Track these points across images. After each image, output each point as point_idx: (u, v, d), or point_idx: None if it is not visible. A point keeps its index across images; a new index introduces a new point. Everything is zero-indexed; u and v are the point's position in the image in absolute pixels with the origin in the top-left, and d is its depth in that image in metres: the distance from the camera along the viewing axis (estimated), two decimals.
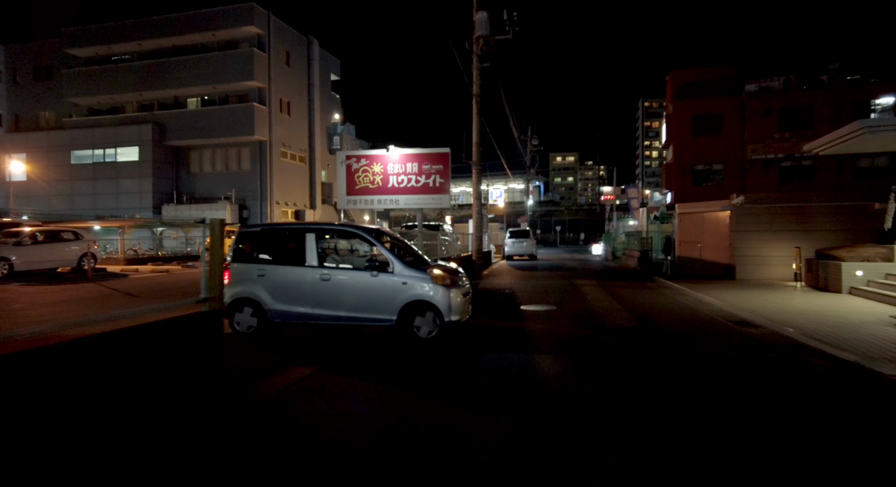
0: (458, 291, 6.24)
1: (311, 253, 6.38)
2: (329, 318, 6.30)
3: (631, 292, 11.99)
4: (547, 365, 5.25)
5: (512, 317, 8.31)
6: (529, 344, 6.23)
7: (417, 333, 6.16)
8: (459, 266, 15.92)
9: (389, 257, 6.24)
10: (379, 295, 6.15)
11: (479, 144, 15.43)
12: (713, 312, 8.76)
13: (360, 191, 14.94)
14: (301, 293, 6.33)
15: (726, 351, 5.93)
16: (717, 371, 5.07)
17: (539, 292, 11.92)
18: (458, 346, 6.05)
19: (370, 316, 6.20)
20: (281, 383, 4.57)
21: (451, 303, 6.09)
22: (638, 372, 5.01)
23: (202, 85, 28.82)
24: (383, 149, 14.99)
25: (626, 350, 6.03)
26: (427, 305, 6.09)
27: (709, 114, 28.83)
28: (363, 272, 6.24)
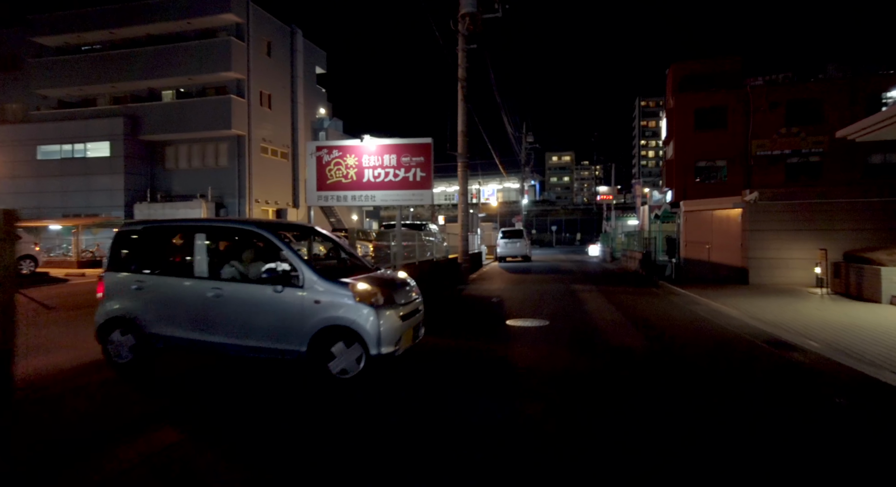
0: (392, 312, 4.61)
1: (201, 259, 4.83)
2: (223, 347, 4.75)
3: (636, 300, 10.51)
4: (531, 428, 3.72)
5: (493, 337, 6.80)
6: (508, 383, 4.67)
7: (333, 371, 4.50)
8: (443, 269, 14.36)
9: (298, 265, 4.60)
10: (282, 318, 4.55)
11: (466, 134, 13.94)
12: (736, 327, 7.28)
13: (332, 187, 13.40)
14: (187, 312, 4.79)
15: (775, 392, 4.44)
16: (779, 434, 3.57)
17: (531, 300, 10.43)
18: (396, 389, 4.41)
19: (272, 345, 4.60)
20: (131, 456, 3.05)
21: (381, 330, 4.44)
22: (667, 437, 3.51)
23: (178, 76, 27.20)
24: (357, 140, 13.48)
25: (641, 390, 4.52)
26: (347, 332, 4.46)
27: (712, 107, 27.43)
28: (265, 286, 4.63)
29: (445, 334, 6.89)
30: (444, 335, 6.82)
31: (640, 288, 12.88)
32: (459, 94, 13.79)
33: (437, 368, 5.12)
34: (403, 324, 4.73)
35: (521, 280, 15.43)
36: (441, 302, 10.37)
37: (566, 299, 10.57)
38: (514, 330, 7.20)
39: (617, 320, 7.92)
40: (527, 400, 4.17)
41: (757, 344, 6.23)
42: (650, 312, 8.79)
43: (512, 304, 9.88)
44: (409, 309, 4.94)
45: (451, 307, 9.93)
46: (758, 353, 5.80)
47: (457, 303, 10.45)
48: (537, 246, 56.38)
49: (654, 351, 5.90)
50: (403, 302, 4.86)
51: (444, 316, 8.70)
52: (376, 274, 5.22)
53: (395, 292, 4.85)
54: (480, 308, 9.80)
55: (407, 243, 14.50)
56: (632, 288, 13.10)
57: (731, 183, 26.41)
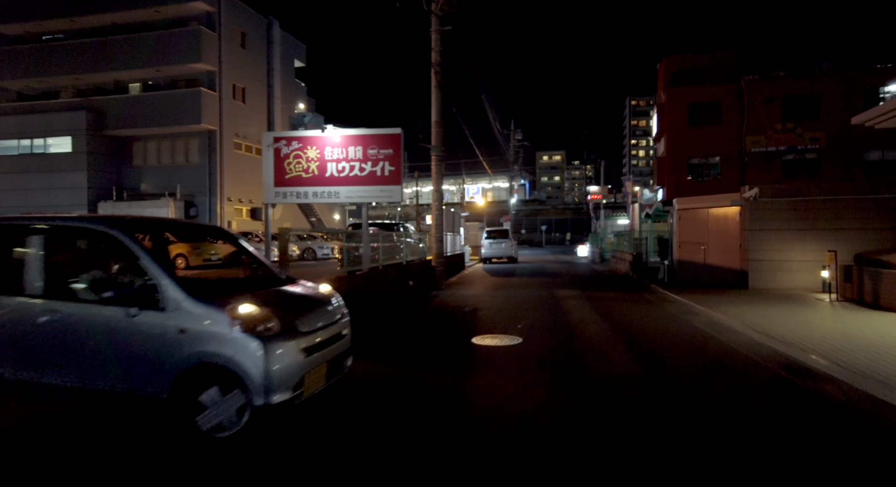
0: (292, 345, 3.33)
1: (33, 270, 3.52)
2: (60, 391, 3.48)
3: (626, 309, 9.34)
4: None
5: (452, 362, 5.57)
6: (456, 441, 3.38)
7: (203, 428, 3.21)
8: (415, 273, 13.02)
9: (158, 278, 3.31)
10: (135, 352, 3.27)
11: (441, 125, 12.69)
12: (743, 345, 6.11)
13: (292, 182, 12.10)
14: (11, 344, 3.50)
15: (812, 452, 3.24)
16: None
17: (508, 310, 9.22)
18: (291, 456, 3.08)
19: (123, 388, 3.33)
20: None
21: (273, 369, 3.16)
22: None
23: (145, 67, 25.70)
24: (318, 130, 12.20)
25: (633, 453, 3.30)
26: (223, 373, 3.18)
27: (706, 102, 26.43)
28: (117, 307, 3.30)
29: (393, 357, 5.66)
30: (391, 359, 5.58)
31: (631, 294, 11.72)
32: (433, 81, 12.55)
33: (361, 417, 3.82)
34: (310, 360, 3.47)
35: (502, 284, 14.23)
36: (404, 314, 9.13)
37: (548, 308, 9.37)
38: (480, 351, 5.97)
39: (604, 336, 6.72)
40: (480, 474, 2.93)
41: (773, 370, 5.05)
42: (642, 325, 7.60)
43: (485, 315, 8.66)
44: (323, 337, 3.68)
45: (413, 319, 8.70)
46: (776, 385, 4.61)
47: (422, 314, 9.22)
48: (526, 247, 55.31)
49: (648, 382, 4.70)
50: (312, 329, 3.59)
51: (400, 331, 7.46)
52: (282, 290, 3.96)
53: (300, 316, 3.59)
54: (448, 320, 8.57)
55: (378, 244, 13.28)
56: (621, 293, 11.94)
57: (725, 181, 25.42)
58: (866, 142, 23.59)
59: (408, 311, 9.38)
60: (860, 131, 23.73)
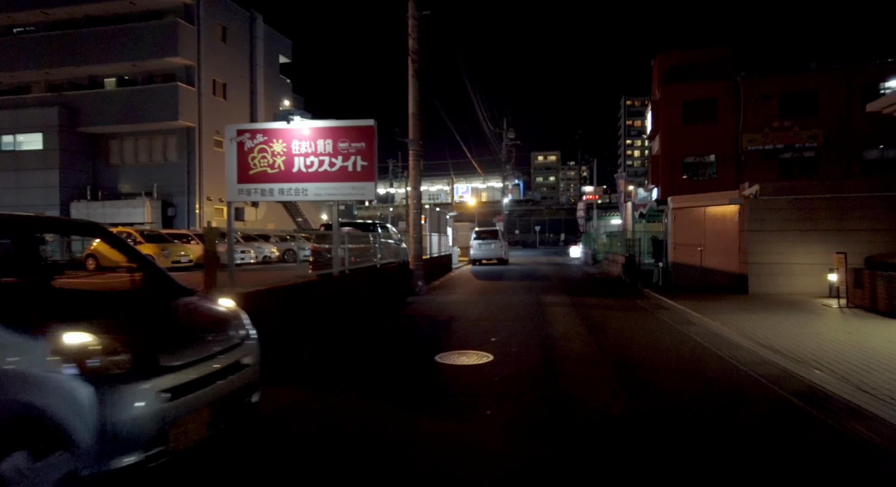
0: (146, 386, 2.42)
1: None
2: None
3: (616, 318, 8.48)
4: None
5: (403, 388, 4.68)
6: None
7: None
8: (391, 277, 12.05)
9: None
10: None
11: (419, 117, 11.81)
12: (749, 364, 5.27)
13: (256, 178, 11.20)
14: None
15: None
16: None
17: (487, 319, 8.34)
18: None
19: None
20: None
21: (109, 422, 2.26)
22: None
23: (120, 61, 24.73)
24: (284, 122, 11.31)
25: None
26: (38, 428, 2.26)
27: (701, 99, 25.69)
28: None
29: (332, 383, 4.77)
30: (329, 385, 4.69)
31: (623, 300, 10.87)
32: (410, 69, 11.66)
33: (249, 482, 2.93)
34: (178, 404, 2.56)
35: (486, 288, 13.36)
36: (369, 323, 8.23)
37: (531, 318, 8.50)
38: (443, 373, 5.08)
39: (588, 354, 5.84)
40: None
41: (786, 399, 4.20)
42: (633, 338, 6.74)
43: (460, 326, 7.78)
44: (204, 371, 2.77)
45: (376, 330, 7.81)
46: (794, 421, 3.76)
47: (389, 324, 8.33)
48: (520, 247, 54.52)
49: (637, 419, 3.82)
50: (186, 362, 2.68)
51: (355, 346, 6.57)
52: (159, 309, 3.07)
53: (171, 344, 2.69)
54: (416, 331, 7.69)
55: (353, 246, 12.42)
56: (612, 299, 11.09)
57: (721, 179, 24.71)
58: (865, 140, 22.93)
59: (374, 320, 8.49)
60: (859, 129, 23.10)
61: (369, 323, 8.17)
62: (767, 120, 24.29)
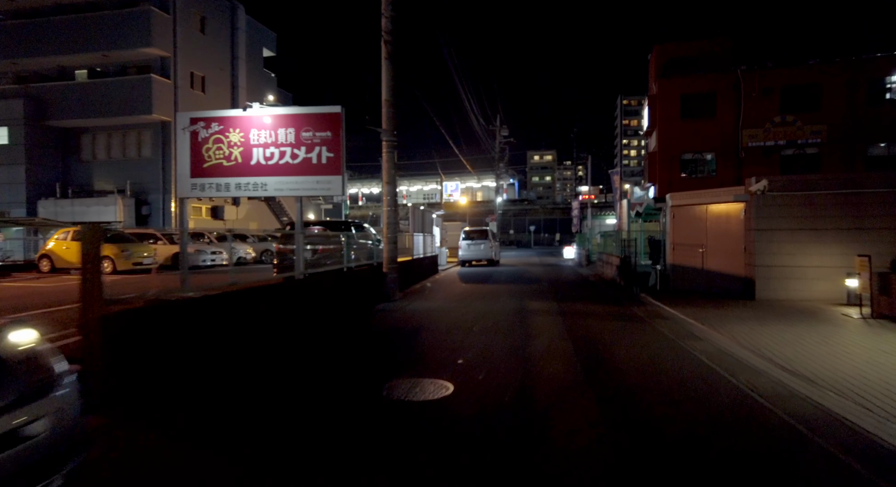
0: None
1: None
2: None
3: (608, 331, 7.40)
4: None
5: (325, 440, 3.57)
6: None
7: None
8: (362, 281, 10.82)
9: None
10: None
11: (392, 105, 10.68)
12: (771, 396, 4.19)
13: (211, 172, 10.11)
14: None
15: None
16: None
17: (461, 330, 7.25)
18: None
19: None
20: None
21: None
22: None
23: (90, 52, 23.48)
24: (239, 110, 10.19)
25: None
26: None
27: (699, 93, 24.65)
28: None
29: (227, 426, 3.65)
30: (219, 428, 3.57)
31: (617, 307, 9.79)
32: (383, 51, 10.55)
33: None
34: None
35: (469, 293, 12.26)
36: (325, 337, 7.12)
37: (510, 329, 7.40)
38: (385, 412, 3.98)
39: (572, 381, 4.75)
40: None
41: (833, 456, 3.11)
42: (628, 359, 5.65)
43: (427, 340, 6.68)
44: None
45: (329, 347, 6.70)
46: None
47: (345, 339, 7.23)
48: (514, 248, 53.49)
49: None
50: None
51: (292, 368, 5.46)
52: None
53: None
54: (374, 347, 6.58)
55: (323, 247, 11.32)
56: (605, 306, 10.00)
57: (720, 177, 23.70)
58: (870, 135, 21.95)
59: (329, 333, 7.38)
60: (864, 125, 22.12)
61: (323, 335, 7.06)
62: (769, 115, 23.29)
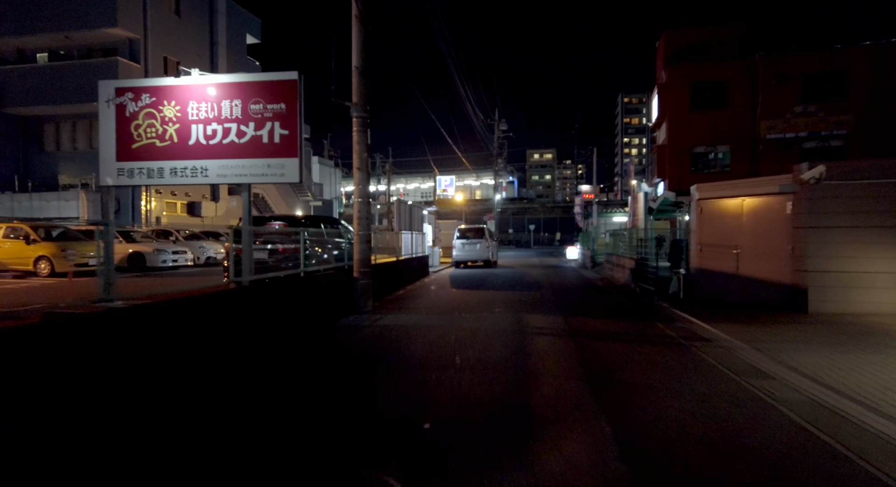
0: None
1: None
2: None
3: (638, 364, 5.54)
4: None
5: None
6: None
7: None
8: (326, 287, 8.84)
9: None
10: None
11: (364, 74, 8.80)
12: None
13: (142, 154, 8.22)
14: None
15: None
16: None
17: (437, 365, 5.39)
18: None
19: None
20: None
21: None
22: None
23: (50, 32, 21.55)
24: (174, 78, 8.34)
25: None
26: None
27: (712, 81, 22.79)
28: None
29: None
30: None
31: (639, 325, 7.93)
32: (353, 9, 8.65)
33: None
34: None
35: (459, 302, 10.39)
36: (255, 369, 5.25)
37: (505, 362, 5.53)
38: None
39: (600, 474, 2.89)
40: None
41: None
42: (680, 420, 3.78)
43: (388, 383, 4.82)
44: None
45: (251, 387, 4.83)
46: None
47: (277, 376, 5.36)
48: (512, 247, 51.63)
49: None
50: None
51: (176, 429, 3.59)
52: None
53: None
54: (308, 395, 4.70)
55: (286, 247, 9.51)
56: (624, 322, 8.14)
57: (734, 172, 21.82)
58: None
59: (264, 362, 5.51)
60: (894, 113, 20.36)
61: (255, 366, 5.20)
62: (789, 105, 21.47)
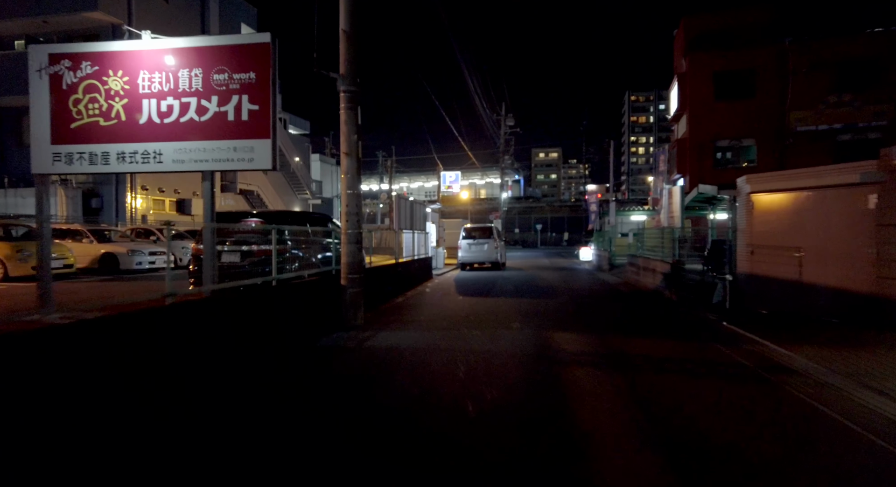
0: None
1: None
2: None
3: (712, 408, 4.00)
4: None
5: None
6: None
7: None
8: (309, 296, 7.10)
9: None
10: None
11: (351, 36, 7.29)
12: None
13: (82, 135, 6.68)
14: None
15: None
16: None
17: (442, 412, 3.87)
18: None
19: None
20: None
21: None
22: None
23: (26, 17, 20.20)
24: (120, 42, 6.86)
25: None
26: None
27: (737, 70, 21.22)
28: None
29: None
30: None
31: (691, 345, 6.39)
32: None
33: None
34: None
35: (466, 314, 8.88)
36: (170, 425, 3.74)
37: (536, 409, 4.01)
38: None
39: None
40: None
41: None
42: None
43: (366, 449, 3.31)
44: None
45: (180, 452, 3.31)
46: None
47: (233, 428, 3.85)
48: (519, 248, 50.08)
49: None
50: None
51: None
52: None
53: None
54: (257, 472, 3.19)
55: (262, 248, 8.08)
56: (671, 342, 6.61)
57: (760, 168, 20.26)
58: None
59: (214, 406, 4.01)
60: None
61: (173, 422, 3.70)
62: (821, 94, 19.89)
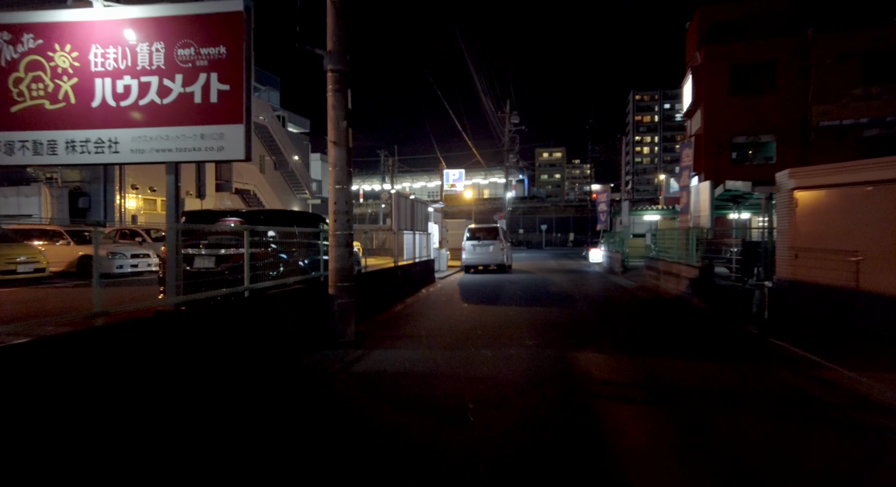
0: None
1: None
2: None
3: (810, 477, 2.98)
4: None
5: None
6: None
7: None
8: (292, 307, 6.11)
9: None
10: None
11: (341, 8, 6.32)
12: None
13: (25, 121, 5.73)
14: None
15: None
16: None
17: (445, 475, 2.85)
18: None
19: None
20: None
21: None
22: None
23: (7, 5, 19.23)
24: (69, 10, 5.92)
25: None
26: None
27: (756, 62, 20.16)
28: None
29: None
30: None
31: (745, 368, 5.38)
32: None
33: None
34: None
35: (472, 327, 7.88)
36: None
37: (565, 472, 3.02)
38: None
39: None
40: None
41: None
42: None
43: None
44: None
45: None
46: None
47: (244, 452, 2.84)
48: (524, 249, 49.05)
49: None
50: None
51: None
52: None
53: None
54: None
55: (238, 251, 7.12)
56: (719, 364, 5.59)
57: (780, 165, 19.17)
58: None
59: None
60: None
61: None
62: (846, 87, 18.82)
